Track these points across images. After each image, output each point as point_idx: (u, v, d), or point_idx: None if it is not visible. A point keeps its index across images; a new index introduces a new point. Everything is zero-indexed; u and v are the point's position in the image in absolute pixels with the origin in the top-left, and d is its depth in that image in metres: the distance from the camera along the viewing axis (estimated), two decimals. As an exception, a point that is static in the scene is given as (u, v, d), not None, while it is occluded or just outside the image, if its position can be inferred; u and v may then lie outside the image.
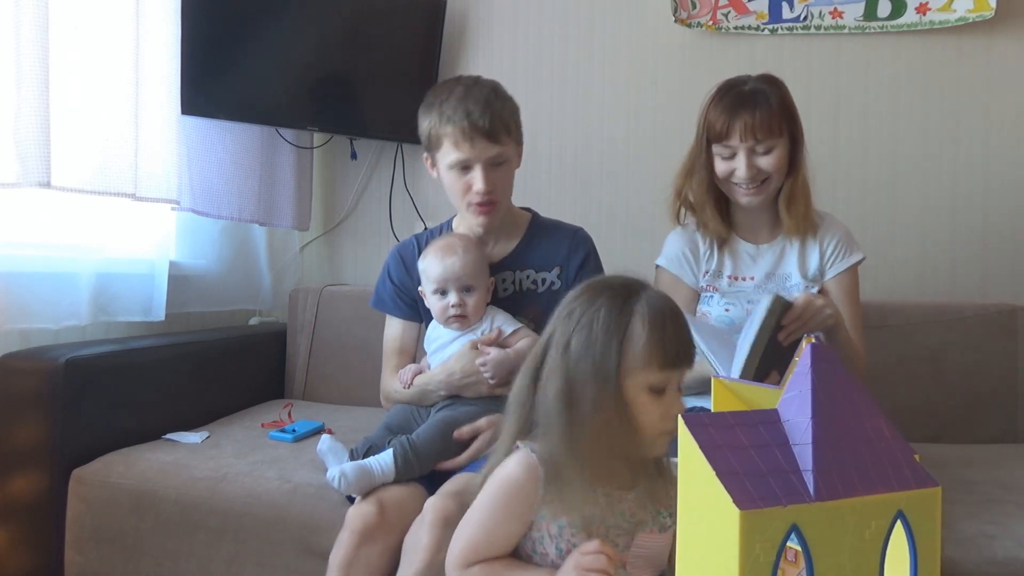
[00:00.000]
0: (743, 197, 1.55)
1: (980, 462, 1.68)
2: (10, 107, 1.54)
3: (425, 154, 1.61)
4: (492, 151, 1.50)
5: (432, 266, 1.52)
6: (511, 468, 0.99)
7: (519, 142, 1.59)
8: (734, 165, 1.52)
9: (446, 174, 1.55)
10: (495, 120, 1.48)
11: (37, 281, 1.71)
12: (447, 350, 1.55)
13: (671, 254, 1.66)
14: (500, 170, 1.53)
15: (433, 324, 1.61)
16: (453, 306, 1.50)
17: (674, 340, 0.94)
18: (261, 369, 2.28)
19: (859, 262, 1.62)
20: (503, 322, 1.54)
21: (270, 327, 2.46)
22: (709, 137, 1.54)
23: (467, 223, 1.64)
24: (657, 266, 1.69)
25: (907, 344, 1.96)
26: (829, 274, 1.61)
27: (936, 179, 2.22)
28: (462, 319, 1.52)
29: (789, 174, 1.55)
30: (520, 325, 1.55)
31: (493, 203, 1.54)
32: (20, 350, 1.66)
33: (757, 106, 1.49)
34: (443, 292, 1.52)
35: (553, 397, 0.95)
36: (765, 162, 1.51)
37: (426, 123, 1.54)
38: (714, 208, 1.61)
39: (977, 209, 2.19)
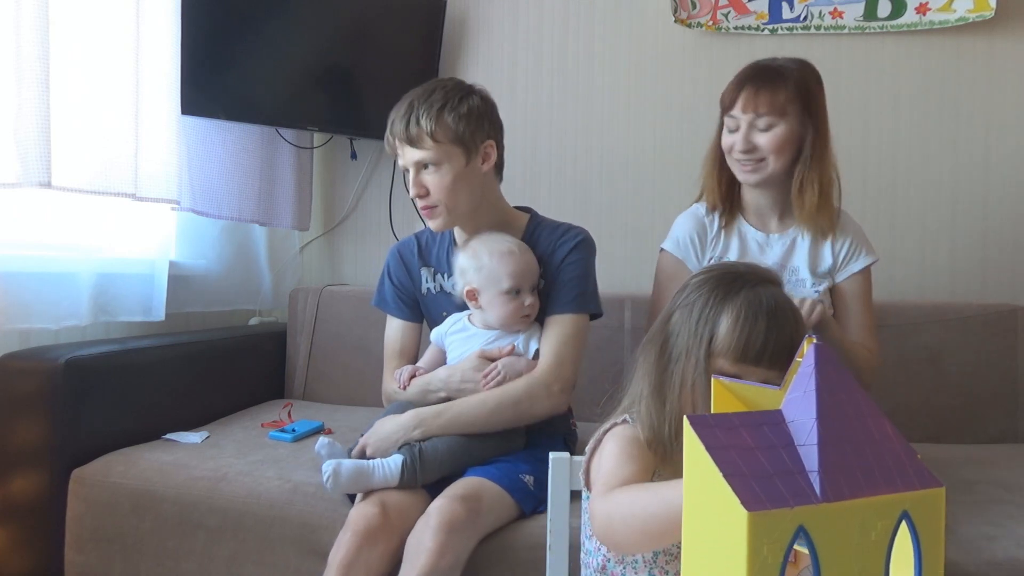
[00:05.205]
0: (740, 173, 1.52)
1: (980, 462, 1.69)
2: (10, 107, 1.54)
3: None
4: (416, 155, 1.51)
5: (502, 265, 1.49)
6: (620, 426, 1.04)
7: (465, 144, 1.50)
8: (735, 138, 1.49)
9: None
10: (411, 125, 1.50)
11: (37, 281, 1.71)
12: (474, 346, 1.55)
13: (677, 237, 1.61)
14: (436, 173, 1.50)
15: (457, 318, 1.59)
16: (529, 305, 1.50)
17: (758, 339, 0.95)
18: (261, 369, 2.28)
19: (872, 264, 1.57)
20: (529, 341, 1.54)
21: (270, 327, 2.46)
22: (721, 107, 1.53)
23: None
24: (662, 249, 1.64)
25: (907, 344, 1.96)
26: (841, 275, 1.56)
27: (936, 179, 2.22)
28: (528, 319, 1.53)
29: (801, 163, 1.49)
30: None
31: (430, 207, 1.53)
32: (20, 350, 1.66)
33: (768, 81, 1.46)
34: (518, 291, 1.50)
35: (651, 362, 1.01)
36: (762, 139, 1.46)
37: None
38: (716, 180, 1.59)
39: (977, 209, 2.19)
